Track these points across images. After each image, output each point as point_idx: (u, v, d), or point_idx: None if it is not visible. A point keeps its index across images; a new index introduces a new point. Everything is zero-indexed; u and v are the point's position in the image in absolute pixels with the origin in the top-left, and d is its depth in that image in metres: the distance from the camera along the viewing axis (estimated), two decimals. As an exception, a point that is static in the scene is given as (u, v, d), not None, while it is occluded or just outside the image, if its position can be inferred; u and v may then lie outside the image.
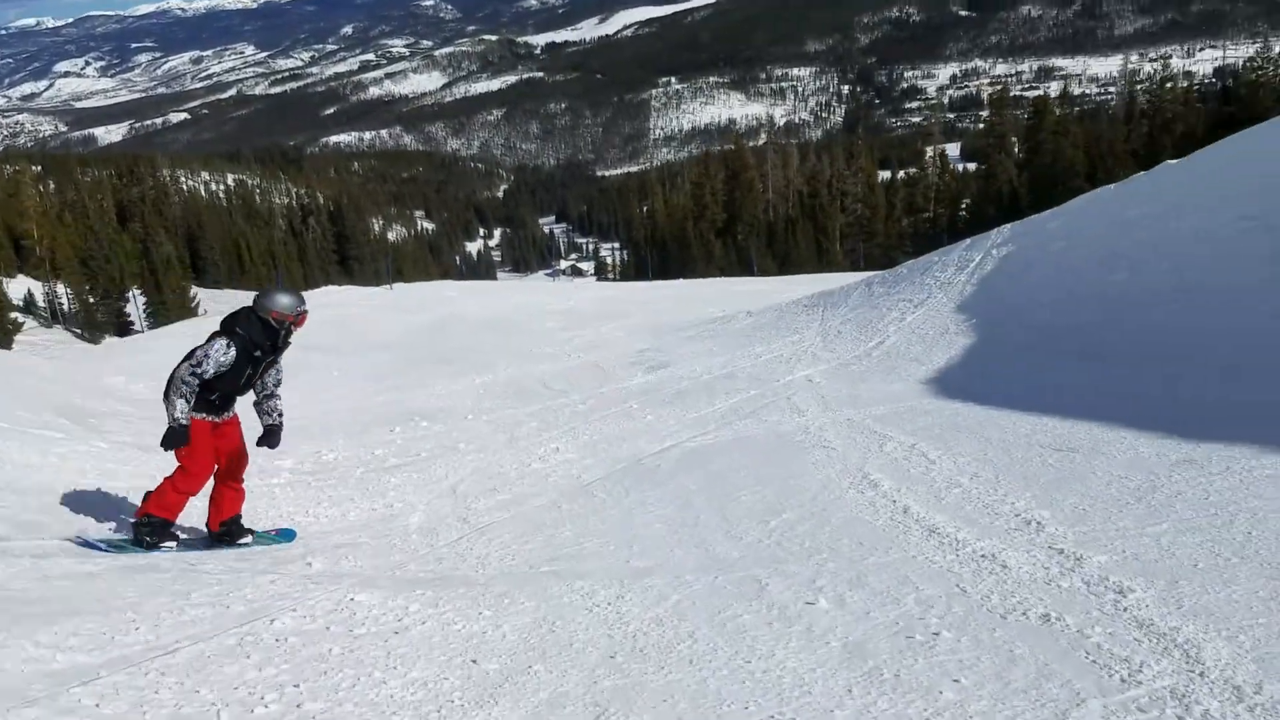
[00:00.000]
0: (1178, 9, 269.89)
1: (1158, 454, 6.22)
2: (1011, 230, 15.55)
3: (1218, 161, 13.29)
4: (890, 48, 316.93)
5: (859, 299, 16.43)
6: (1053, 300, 12.23)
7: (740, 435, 9.28)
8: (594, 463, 8.93)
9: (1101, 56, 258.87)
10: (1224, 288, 10.01)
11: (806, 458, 7.68)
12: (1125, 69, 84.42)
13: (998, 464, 6.61)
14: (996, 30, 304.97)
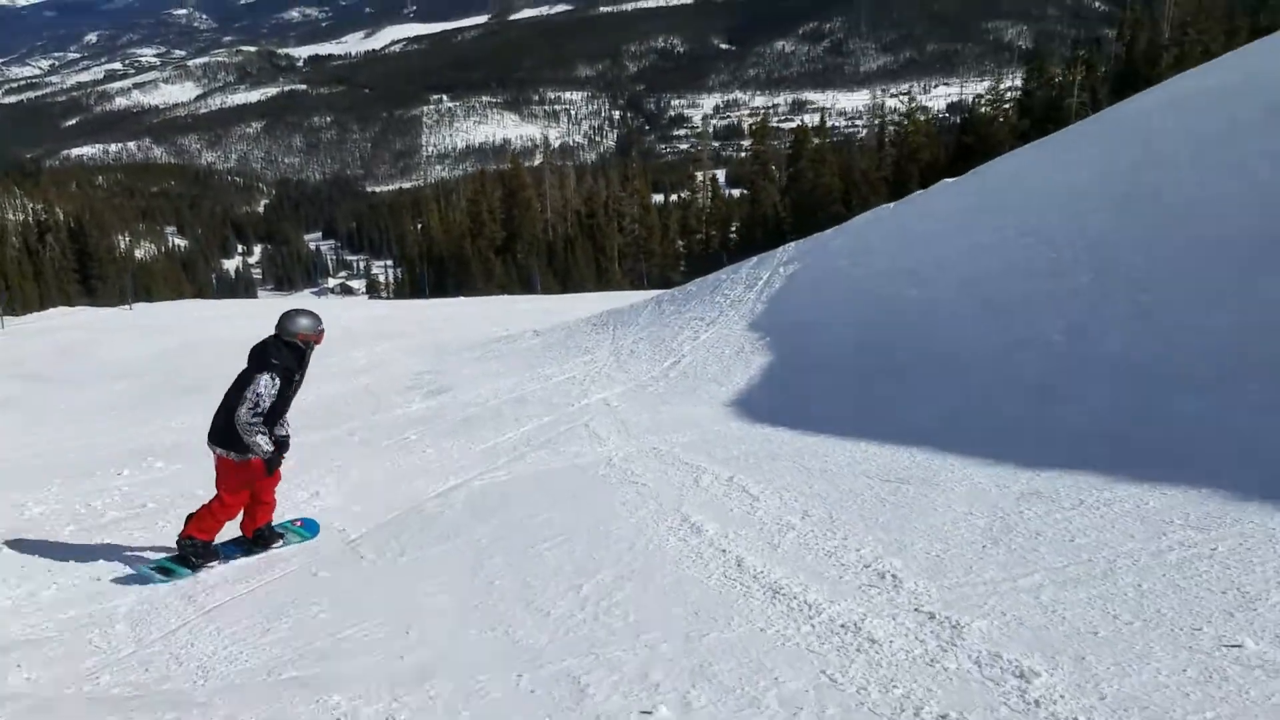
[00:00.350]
0: (915, 49, 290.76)
1: (997, 485, 5.61)
2: (796, 248, 15.25)
3: (992, 180, 13.39)
4: (657, 76, 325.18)
5: (649, 317, 15.70)
6: (846, 316, 11.84)
7: (537, 470, 8.18)
8: (363, 511, 7.58)
9: (848, 91, 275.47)
10: (1016, 303, 9.82)
11: (615, 497, 6.67)
12: (874, 103, 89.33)
13: (828, 499, 5.82)
14: (754, 64, 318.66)
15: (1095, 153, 11.59)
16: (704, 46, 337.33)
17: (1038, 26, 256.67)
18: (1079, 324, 8.72)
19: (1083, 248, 10.00)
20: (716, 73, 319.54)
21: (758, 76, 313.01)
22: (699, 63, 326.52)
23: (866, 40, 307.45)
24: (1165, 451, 5.73)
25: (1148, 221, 9.64)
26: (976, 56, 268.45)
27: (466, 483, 8.11)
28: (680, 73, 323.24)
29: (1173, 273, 8.62)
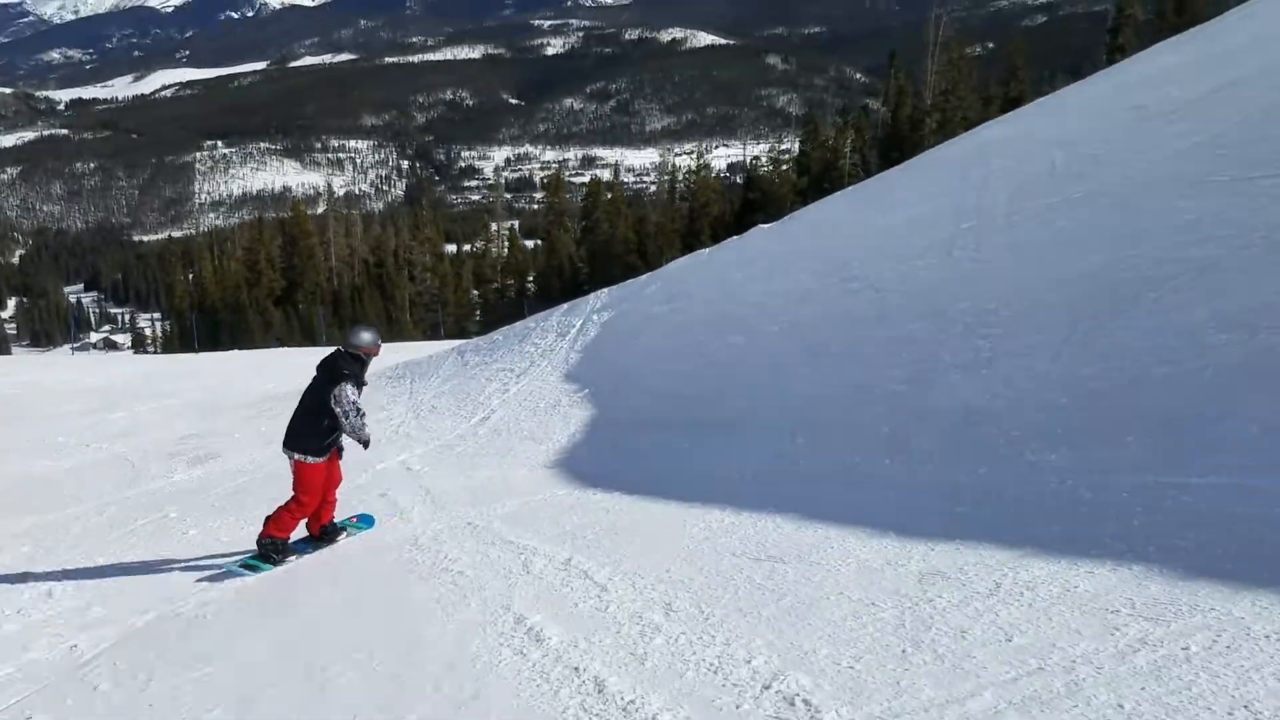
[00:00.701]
0: (696, 111, 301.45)
1: (888, 562, 4.74)
2: (610, 294, 14.35)
3: (808, 225, 12.96)
4: (447, 128, 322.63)
5: (451, 369, 14.38)
6: (669, 366, 10.99)
7: (330, 555, 6.79)
8: (105, 615, 5.98)
9: (636, 149, 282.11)
10: (848, 350, 9.22)
11: (427, 591, 5.40)
12: (663, 160, 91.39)
13: (692, 586, 4.79)
14: (544, 119, 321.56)
15: (912, 198, 11.31)
16: (493, 100, 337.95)
17: (806, 95, 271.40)
18: (920, 372, 8.14)
19: (910, 293, 9.54)
20: (507, 126, 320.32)
21: (548, 131, 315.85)
22: (489, 116, 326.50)
23: (651, 101, 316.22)
24: (1054, 515, 5.04)
25: (973, 267, 9.28)
26: (752, 120, 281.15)
27: (236, 574, 6.62)
28: (470, 125, 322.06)
29: (1008, 319, 8.20)
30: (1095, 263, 8.11)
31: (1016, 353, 7.64)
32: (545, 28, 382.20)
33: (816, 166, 57.68)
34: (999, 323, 8.20)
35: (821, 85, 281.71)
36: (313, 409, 6.96)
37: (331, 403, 6.86)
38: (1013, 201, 9.55)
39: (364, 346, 7.26)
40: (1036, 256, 8.68)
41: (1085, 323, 7.50)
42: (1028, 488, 5.43)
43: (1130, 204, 8.40)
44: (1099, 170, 8.96)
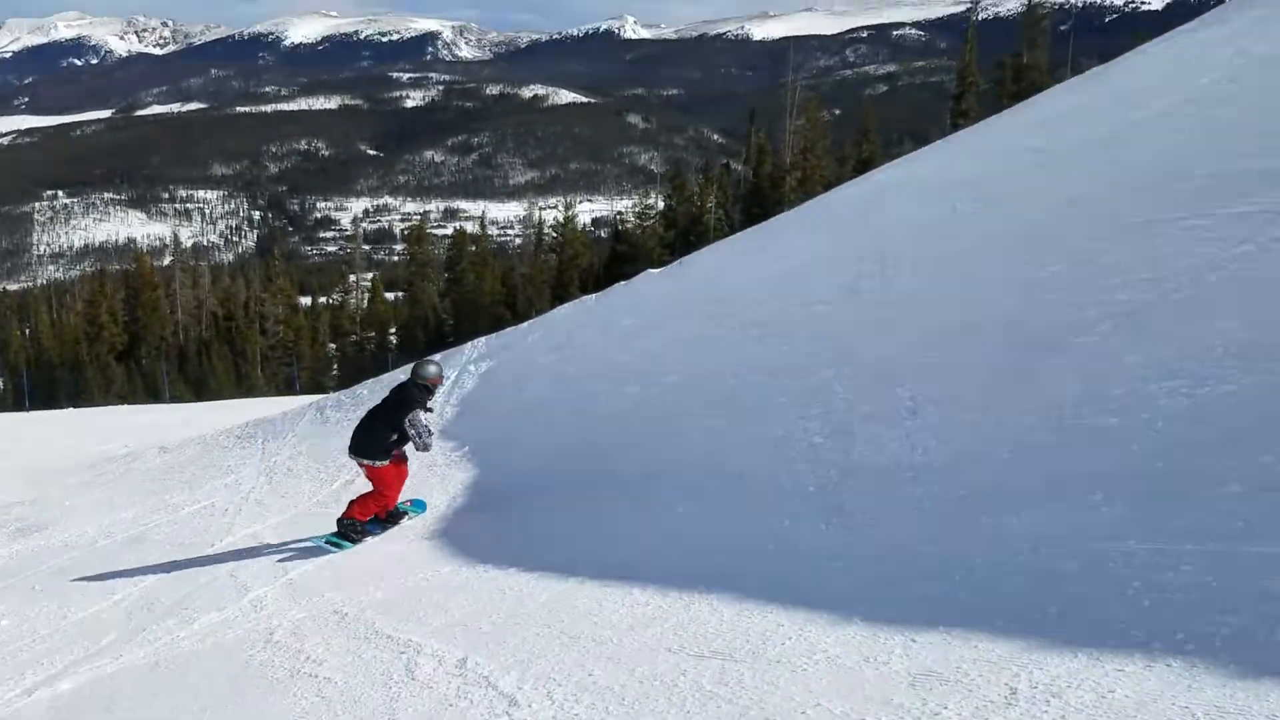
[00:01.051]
0: (559, 166, 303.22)
1: (865, 659, 3.99)
2: (489, 343, 13.42)
3: (700, 270, 12.34)
4: (301, 178, 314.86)
5: (310, 426, 13.17)
6: (560, 420, 10.13)
7: (160, 654, 5.64)
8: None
9: (499, 202, 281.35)
10: (756, 400, 8.56)
11: (286, 703, 4.37)
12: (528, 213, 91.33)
13: (625, 696, 3.93)
14: (404, 171, 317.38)
15: (808, 242, 10.81)
16: (350, 151, 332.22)
17: (666, 153, 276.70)
18: (839, 424, 7.52)
19: (817, 339, 8.97)
20: (365, 177, 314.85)
21: (408, 183, 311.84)
22: (345, 167, 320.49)
23: (513, 155, 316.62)
24: (1042, 593, 4.37)
25: (881, 313, 8.79)
26: (615, 176, 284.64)
27: (51, 680, 5.45)
28: (326, 176, 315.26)
29: (925, 367, 7.68)
30: (1010, 309, 7.67)
31: (940, 402, 7.09)
32: (404, 80, 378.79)
33: (683, 220, 58.25)
34: (916, 370, 7.66)
35: (680, 144, 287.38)
36: (382, 427, 8.13)
37: (407, 425, 7.92)
38: (916, 245, 9.12)
39: (431, 379, 8.48)
40: (947, 302, 8.22)
41: (1009, 371, 7.01)
42: (999, 558, 4.76)
43: (1040, 247, 8.03)
44: (1003, 213, 8.62)
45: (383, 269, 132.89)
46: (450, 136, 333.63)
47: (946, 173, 9.60)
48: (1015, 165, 8.90)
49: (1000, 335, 7.45)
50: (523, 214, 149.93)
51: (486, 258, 62.85)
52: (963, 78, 49.55)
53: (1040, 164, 8.69)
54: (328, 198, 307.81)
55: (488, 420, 10.99)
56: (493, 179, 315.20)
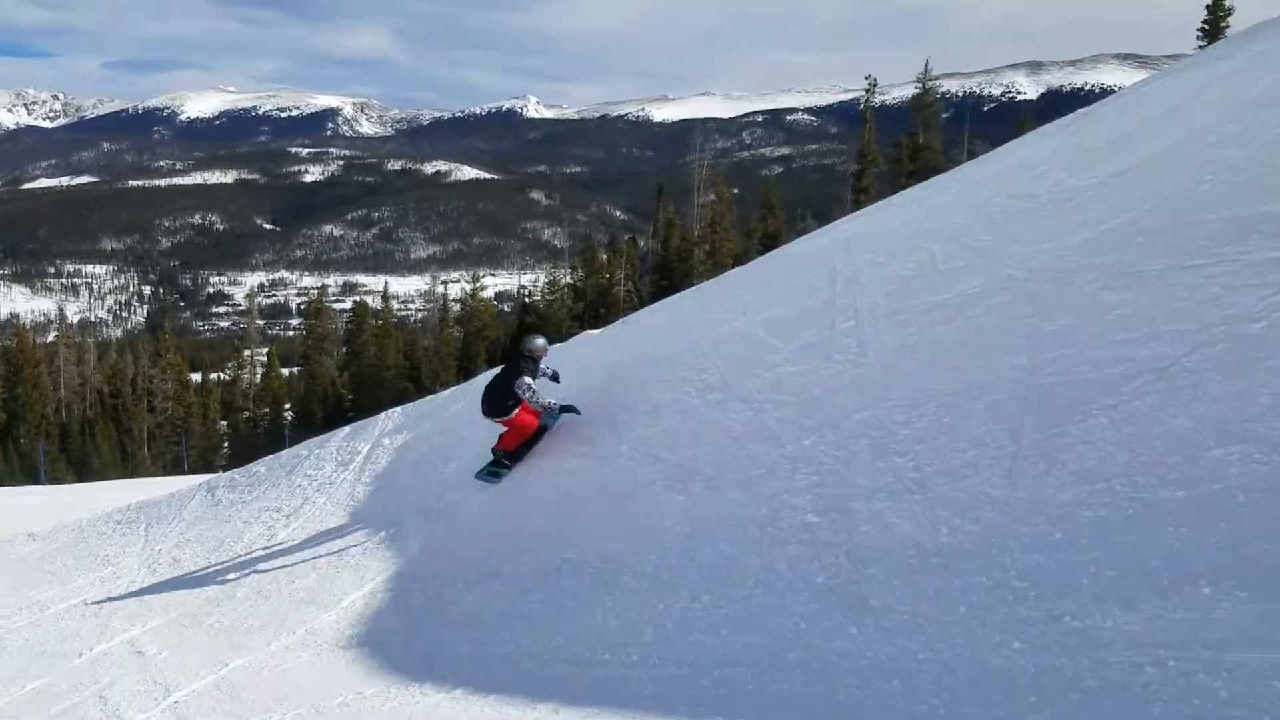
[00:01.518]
0: (462, 241, 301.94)
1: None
2: (405, 413, 12.13)
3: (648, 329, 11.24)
4: (195, 253, 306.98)
5: (200, 509, 11.66)
6: (492, 497, 8.93)
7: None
8: None
9: (400, 276, 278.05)
10: (726, 477, 7.52)
11: None
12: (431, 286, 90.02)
13: None
14: (302, 245, 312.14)
15: (765, 299, 9.83)
16: (246, 226, 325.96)
17: (569, 229, 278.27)
18: (833, 500, 6.51)
19: (788, 404, 8.00)
20: (261, 252, 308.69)
21: (305, 257, 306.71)
22: (241, 241, 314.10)
23: (415, 230, 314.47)
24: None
25: (861, 373, 7.86)
26: (518, 251, 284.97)
27: None
28: (220, 250, 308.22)
29: (925, 432, 6.75)
30: (1018, 364, 6.82)
31: (953, 472, 6.14)
32: (304, 155, 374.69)
33: (592, 293, 57.88)
34: (915, 436, 6.72)
35: (584, 220, 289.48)
36: (499, 395, 9.32)
37: (517, 389, 9.12)
38: (895, 299, 8.26)
39: (536, 350, 9.53)
40: (939, 359, 7.34)
41: (1031, 434, 6.12)
42: (1117, 676, 3.75)
43: (1042, 299, 7.24)
44: (991, 263, 7.84)
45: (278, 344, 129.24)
46: (350, 211, 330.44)
47: (919, 223, 8.83)
48: (1000, 213, 8.17)
49: (1009, 395, 6.58)
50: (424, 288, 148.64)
51: (389, 330, 61.17)
52: (863, 156, 50.51)
53: (1029, 210, 7.97)
54: (222, 272, 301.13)
55: (407, 499, 9.70)
56: (393, 253, 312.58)
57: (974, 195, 8.67)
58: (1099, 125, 8.31)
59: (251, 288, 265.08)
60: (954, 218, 8.61)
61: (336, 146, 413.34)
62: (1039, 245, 7.65)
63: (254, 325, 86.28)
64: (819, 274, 9.26)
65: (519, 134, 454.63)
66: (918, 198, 9.48)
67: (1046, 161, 8.35)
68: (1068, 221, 7.66)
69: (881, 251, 8.92)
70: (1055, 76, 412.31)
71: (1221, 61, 8.48)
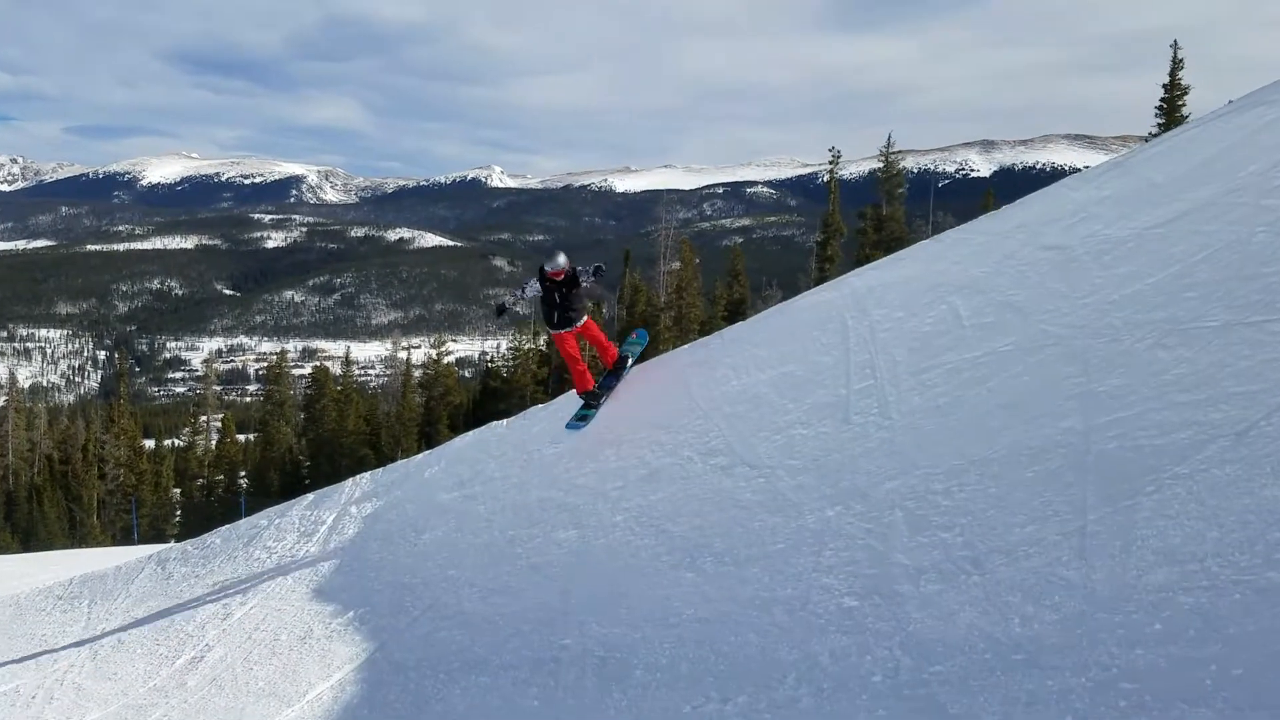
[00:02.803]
0: (423, 307, 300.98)
1: None
2: (375, 480, 11.26)
3: (633, 389, 10.53)
4: (152, 318, 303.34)
5: (148, 584, 10.70)
6: (475, 574, 8.07)
7: None
8: None
9: (361, 342, 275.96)
10: (741, 552, 6.74)
11: None
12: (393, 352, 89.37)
13: None
14: (262, 311, 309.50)
15: (772, 356, 9.12)
16: (205, 291, 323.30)
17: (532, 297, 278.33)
18: (872, 581, 5.73)
19: (804, 470, 7.28)
20: (220, 317, 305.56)
21: (265, 323, 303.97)
22: (200, 306, 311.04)
23: (377, 296, 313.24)
24: None
25: (886, 436, 7.16)
26: (480, 318, 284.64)
27: None
28: (178, 315, 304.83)
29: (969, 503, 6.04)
30: (1069, 428, 6.14)
31: (1011, 550, 5.41)
32: (266, 221, 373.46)
33: (557, 357, 57.36)
34: (958, 508, 6.00)
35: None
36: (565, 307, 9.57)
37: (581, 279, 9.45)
38: (917, 356, 7.61)
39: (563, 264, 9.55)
40: (976, 422, 6.66)
41: (1098, 506, 5.42)
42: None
43: (1088, 357, 6.61)
44: (1025, 319, 7.23)
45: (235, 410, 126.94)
46: (312, 277, 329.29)
47: (938, 276, 8.22)
48: (1029, 266, 7.59)
49: (1064, 463, 5.89)
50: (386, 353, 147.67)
51: (350, 395, 59.98)
52: (828, 225, 50.67)
53: (1063, 264, 7.39)
54: (179, 337, 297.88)
55: (379, 575, 8.81)
56: (354, 319, 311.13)
57: (999, 247, 8.09)
58: (1130, 176, 7.81)
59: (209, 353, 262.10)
60: (977, 270, 8.02)
61: (300, 213, 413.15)
62: (1078, 300, 7.05)
63: (211, 390, 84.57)
64: (829, 330, 8.61)
65: (483, 203, 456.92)
66: (934, 251, 8.89)
67: (1076, 213, 7.81)
68: (1109, 274, 7.08)
69: (898, 306, 8.29)
70: (1007, 155, 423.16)
71: (1260, 110, 8.02)
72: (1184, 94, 39.57)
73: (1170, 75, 39.61)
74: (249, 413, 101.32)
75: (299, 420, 61.90)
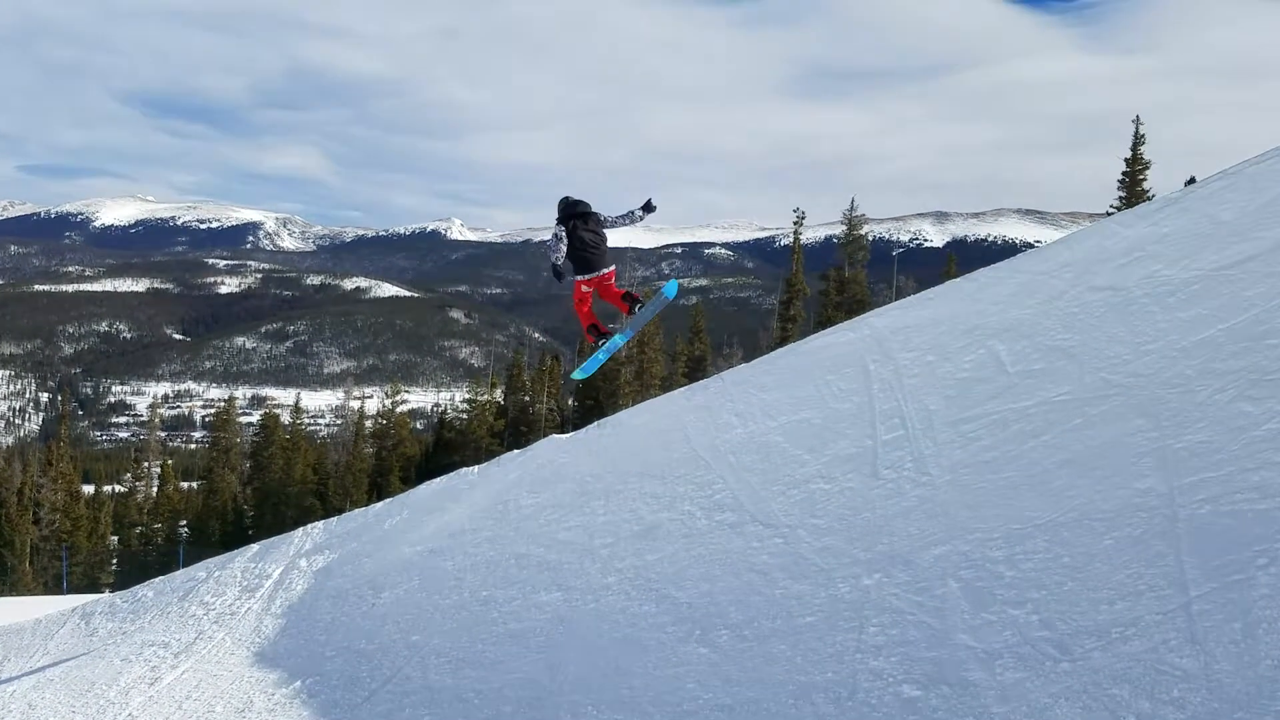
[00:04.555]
0: (377, 357, 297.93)
1: None
2: (327, 530, 10.17)
3: (626, 435, 9.57)
4: (98, 360, 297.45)
5: (70, 640, 9.53)
6: (446, 641, 7.03)
7: None
8: None
9: (312, 390, 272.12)
10: (765, 626, 5.81)
11: None
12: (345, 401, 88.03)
13: None
14: (211, 356, 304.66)
15: (782, 402, 8.24)
16: (154, 335, 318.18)
17: (487, 349, 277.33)
18: (937, 666, 4.85)
19: (829, 531, 6.38)
20: (168, 362, 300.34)
21: (214, 369, 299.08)
22: (148, 350, 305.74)
23: (330, 345, 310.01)
24: None
25: (925, 494, 6.30)
26: (434, 369, 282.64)
27: None
28: (126, 359, 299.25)
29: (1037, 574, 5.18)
30: (1147, 489, 5.30)
31: (1103, 632, 4.53)
32: (221, 266, 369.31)
33: (514, 409, 56.41)
34: (1026, 579, 5.12)
35: (503, 340, 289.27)
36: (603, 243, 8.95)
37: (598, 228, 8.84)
38: (955, 406, 6.78)
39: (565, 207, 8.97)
40: (1034, 481, 5.81)
41: (1201, 582, 4.56)
42: None
43: (1159, 409, 5.80)
44: (1080, 366, 6.44)
45: (180, 457, 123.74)
46: (265, 324, 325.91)
47: (972, 318, 7.43)
48: (1080, 308, 6.83)
49: (1148, 529, 5.04)
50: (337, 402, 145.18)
51: (300, 443, 58.23)
52: (791, 285, 50.46)
53: (1119, 305, 6.64)
54: (125, 381, 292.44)
55: (330, 639, 7.72)
56: (306, 367, 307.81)
57: (1043, 288, 7.32)
58: (1190, 214, 7.13)
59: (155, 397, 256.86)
60: (1018, 312, 7.23)
61: (256, 259, 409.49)
62: (1141, 346, 6.28)
63: (154, 435, 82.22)
64: (848, 374, 7.76)
65: (441, 254, 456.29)
66: (965, 290, 8.11)
67: (1131, 252, 7.08)
68: (1174, 319, 6.32)
69: (928, 349, 7.48)
70: (960, 227, 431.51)
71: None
72: (1145, 169, 39.91)
73: (1132, 150, 39.97)
74: (194, 460, 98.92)
75: (245, 468, 60.05)
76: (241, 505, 56.90)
